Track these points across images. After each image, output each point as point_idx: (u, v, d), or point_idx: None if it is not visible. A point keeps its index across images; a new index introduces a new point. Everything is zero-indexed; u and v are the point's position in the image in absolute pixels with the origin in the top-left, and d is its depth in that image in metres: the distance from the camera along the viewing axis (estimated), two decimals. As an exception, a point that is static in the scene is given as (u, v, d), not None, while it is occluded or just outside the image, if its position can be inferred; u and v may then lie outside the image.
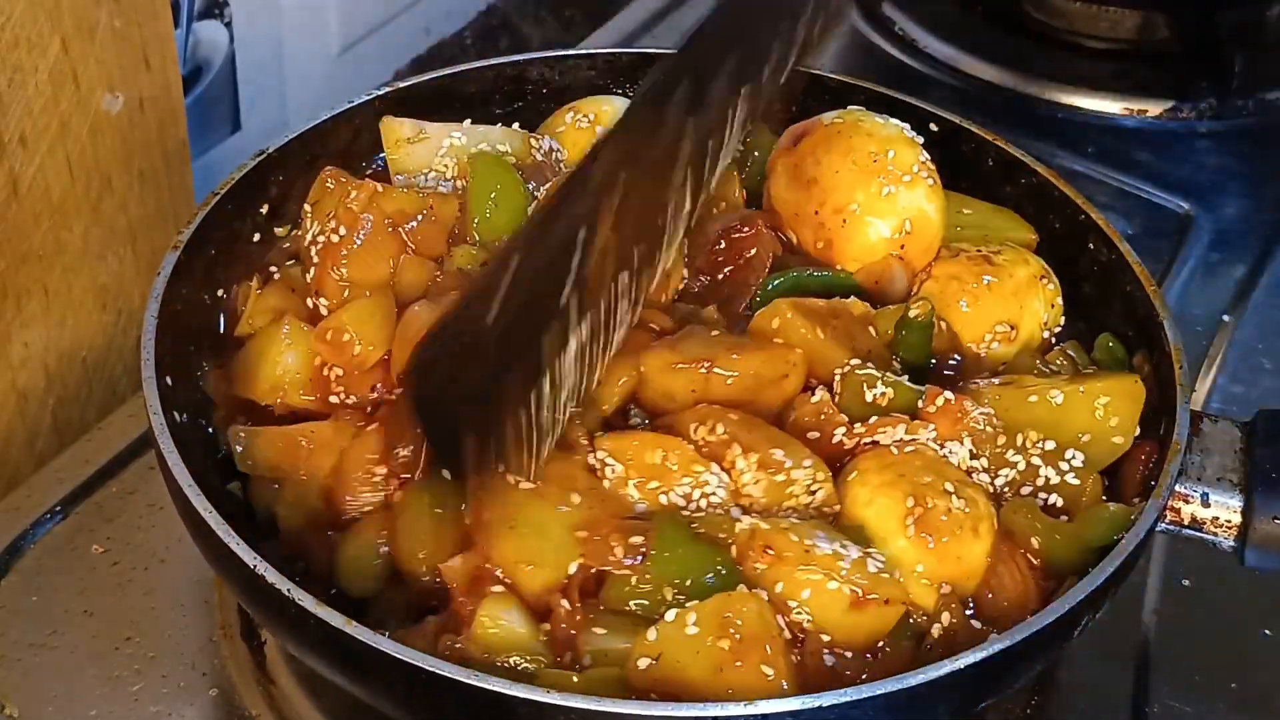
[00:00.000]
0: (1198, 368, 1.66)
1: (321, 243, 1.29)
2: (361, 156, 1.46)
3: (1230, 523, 1.22)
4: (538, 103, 1.53)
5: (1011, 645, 1.05)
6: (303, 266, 1.33)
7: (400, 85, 1.48)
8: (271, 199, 1.39)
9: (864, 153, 1.32)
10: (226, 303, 1.34)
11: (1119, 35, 2.16)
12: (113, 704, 1.26)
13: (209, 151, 1.81)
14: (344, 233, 1.28)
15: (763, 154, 1.43)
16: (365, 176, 1.39)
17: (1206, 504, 1.22)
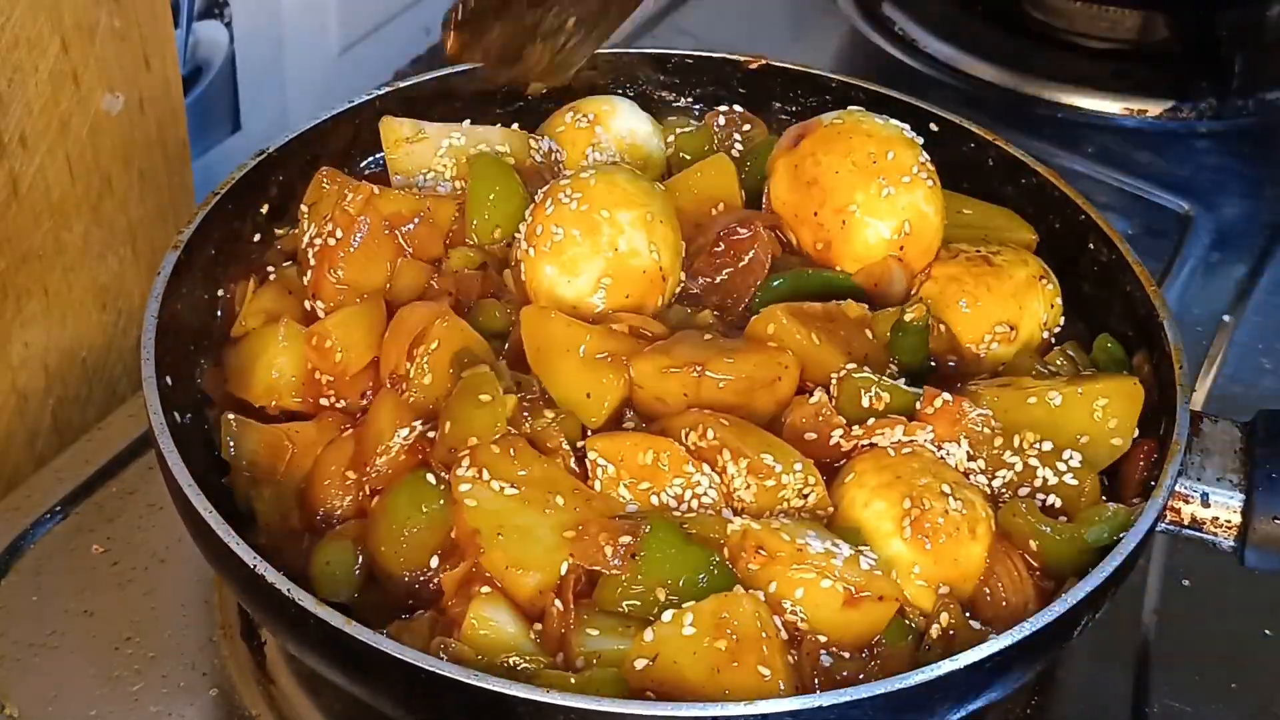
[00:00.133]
0: (1198, 368, 1.66)
1: (318, 245, 1.29)
2: (361, 157, 1.46)
3: (1230, 523, 1.22)
4: (537, 103, 1.53)
5: (1011, 645, 1.05)
6: (299, 268, 1.33)
7: (400, 85, 1.48)
8: (271, 199, 1.40)
9: (863, 153, 1.32)
10: (226, 302, 1.34)
11: (1119, 35, 2.17)
12: (113, 704, 1.26)
13: (209, 151, 1.81)
14: (340, 235, 1.28)
15: (763, 154, 1.43)
16: (364, 177, 1.39)
17: (1206, 504, 1.22)
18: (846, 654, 1.08)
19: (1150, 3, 2.15)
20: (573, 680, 1.04)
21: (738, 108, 1.53)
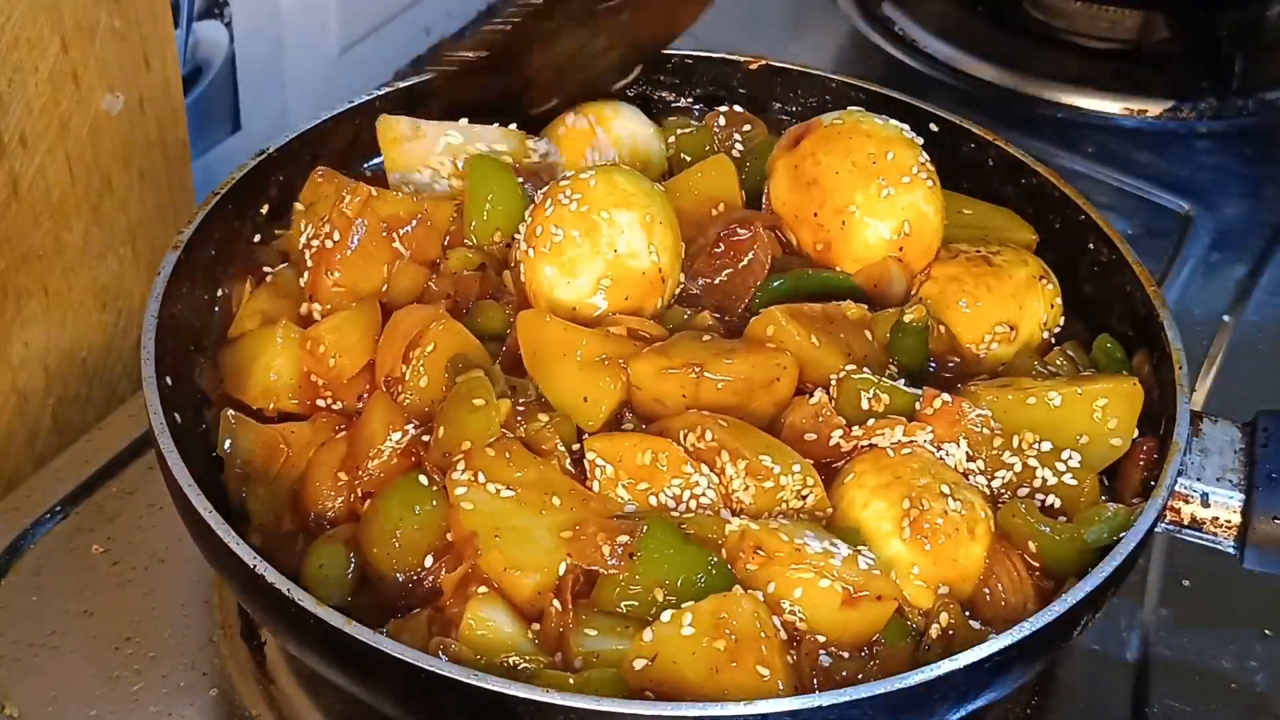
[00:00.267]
0: (1198, 368, 1.66)
1: (315, 246, 1.29)
2: (361, 157, 1.46)
3: (1230, 523, 1.22)
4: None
5: (1011, 645, 1.05)
6: (295, 269, 1.33)
7: (400, 85, 1.48)
8: (271, 199, 1.40)
9: (863, 153, 1.32)
10: (225, 302, 1.34)
11: (1119, 35, 2.17)
12: (113, 704, 1.26)
13: (209, 151, 1.81)
14: (338, 237, 1.28)
15: (763, 154, 1.43)
16: (364, 179, 1.38)
17: (1206, 504, 1.22)
18: (845, 654, 1.08)
19: (1150, 3, 2.15)
20: (571, 680, 1.04)
21: (738, 108, 1.53)
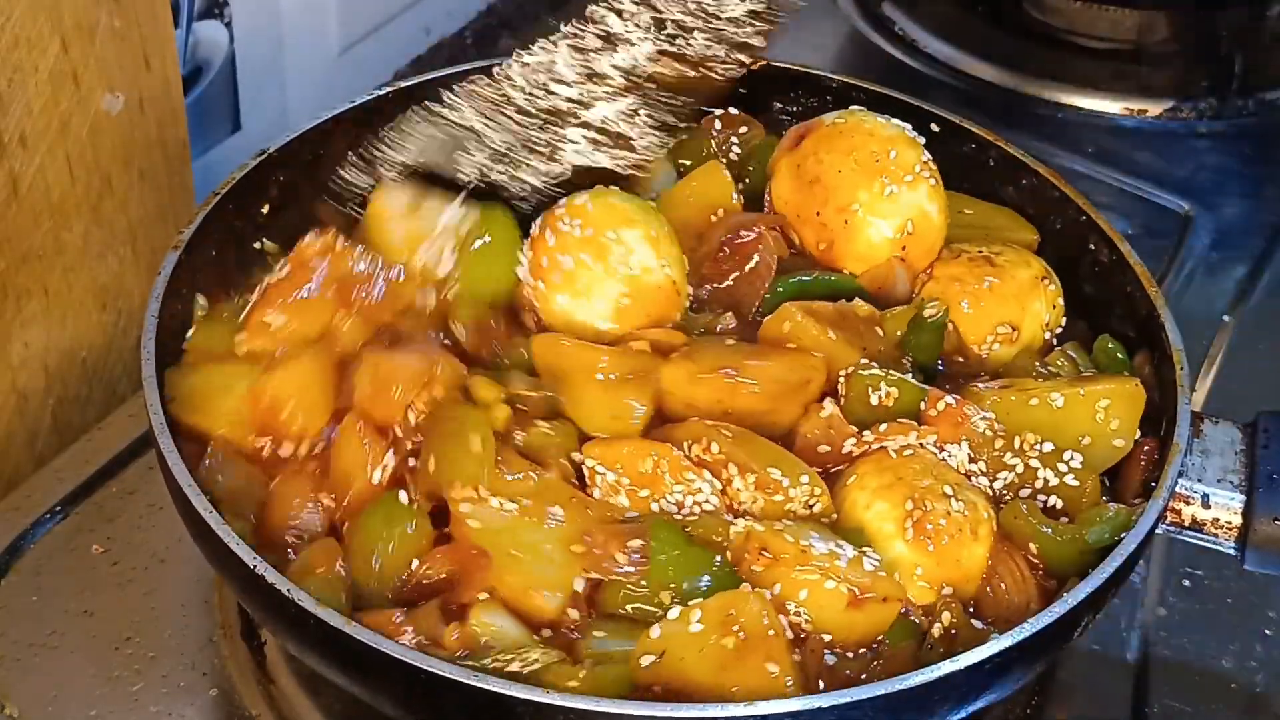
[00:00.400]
0: (1198, 368, 1.66)
1: (270, 282, 1.26)
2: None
3: (1231, 524, 1.22)
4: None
5: (1011, 646, 1.05)
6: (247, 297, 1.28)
7: (400, 85, 1.48)
8: (272, 199, 1.39)
9: (866, 152, 1.32)
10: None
11: (1119, 35, 2.16)
12: (113, 704, 1.26)
13: (209, 151, 1.81)
14: (294, 279, 1.25)
15: (763, 155, 1.43)
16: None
17: (1207, 505, 1.22)
18: (850, 654, 1.08)
19: (1150, 3, 2.15)
20: (581, 676, 1.03)
21: (733, 109, 1.52)
